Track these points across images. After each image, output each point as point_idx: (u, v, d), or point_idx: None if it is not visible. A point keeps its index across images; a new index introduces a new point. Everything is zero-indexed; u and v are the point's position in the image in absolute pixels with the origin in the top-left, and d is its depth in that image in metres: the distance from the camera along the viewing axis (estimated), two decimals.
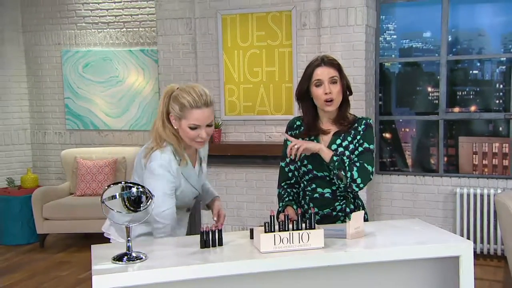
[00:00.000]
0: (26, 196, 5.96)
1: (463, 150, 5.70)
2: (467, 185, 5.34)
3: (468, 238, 5.26)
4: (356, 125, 2.59)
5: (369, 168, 2.51)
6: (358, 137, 2.57)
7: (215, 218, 2.73)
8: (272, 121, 5.63)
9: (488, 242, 5.25)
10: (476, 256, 5.13)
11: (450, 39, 5.51)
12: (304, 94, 2.60)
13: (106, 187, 2.07)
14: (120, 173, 6.19)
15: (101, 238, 2.76)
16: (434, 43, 5.67)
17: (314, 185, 2.60)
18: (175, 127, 2.44)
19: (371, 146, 2.56)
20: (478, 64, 5.76)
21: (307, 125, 2.63)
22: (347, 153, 2.54)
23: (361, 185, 2.49)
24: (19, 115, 7.33)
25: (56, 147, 7.19)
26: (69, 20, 7.06)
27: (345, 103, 2.59)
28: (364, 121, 2.60)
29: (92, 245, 2.23)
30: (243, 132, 5.75)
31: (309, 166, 2.59)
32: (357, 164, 2.49)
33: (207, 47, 5.77)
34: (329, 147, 2.56)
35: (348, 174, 2.46)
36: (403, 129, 6.02)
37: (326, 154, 2.48)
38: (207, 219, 5.77)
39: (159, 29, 5.88)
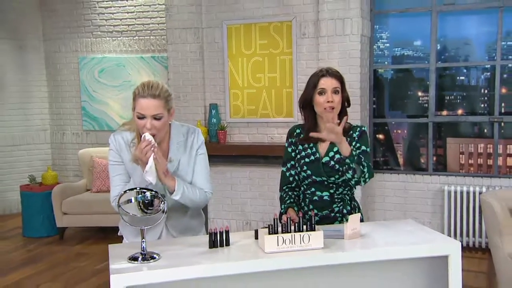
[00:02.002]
0: (46, 192, 5.96)
1: (451, 150, 5.69)
2: (454, 183, 5.33)
3: (455, 232, 5.26)
4: (351, 132, 2.59)
5: (371, 165, 2.53)
6: (354, 142, 2.57)
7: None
8: (273, 123, 5.62)
9: (474, 236, 5.25)
10: (463, 248, 5.10)
11: (438, 47, 5.50)
12: (307, 102, 2.59)
13: (123, 193, 2.07)
14: None
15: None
16: (424, 51, 5.66)
17: (313, 189, 2.60)
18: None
19: (368, 149, 2.56)
20: (465, 70, 5.75)
21: (307, 131, 2.62)
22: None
23: (367, 180, 2.48)
24: (39, 116, 7.35)
25: (74, 146, 7.22)
26: (85, 29, 7.07)
27: (343, 114, 2.58)
28: (358, 129, 2.60)
29: (109, 245, 2.22)
30: (247, 134, 5.74)
31: (308, 172, 2.59)
32: (360, 156, 2.48)
33: (213, 54, 5.76)
34: (326, 154, 2.56)
35: (365, 170, 2.43)
36: (395, 131, 6.01)
37: (346, 148, 2.40)
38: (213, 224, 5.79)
39: (169, 37, 5.87)
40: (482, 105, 5.61)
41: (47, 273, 4.84)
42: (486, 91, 5.59)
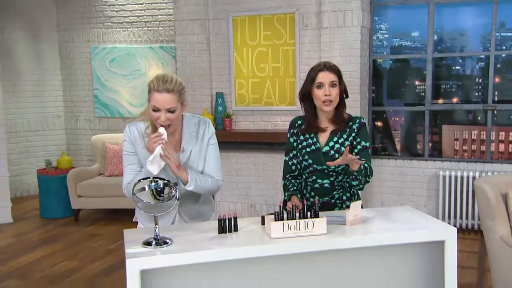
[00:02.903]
0: (62, 176, 5.99)
1: (446, 137, 5.68)
2: (449, 168, 5.33)
3: (449, 215, 5.27)
4: (350, 123, 2.58)
5: (371, 165, 2.55)
6: (353, 134, 2.56)
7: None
8: (277, 111, 5.61)
9: (467, 218, 5.25)
10: (456, 230, 5.14)
11: (435, 38, 5.45)
12: (306, 95, 2.58)
13: (137, 181, 2.07)
14: None
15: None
16: (422, 41, 5.61)
17: (314, 177, 2.60)
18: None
19: (368, 144, 2.56)
20: (460, 60, 5.71)
21: (307, 123, 2.61)
22: (342, 149, 2.53)
23: (369, 182, 2.54)
24: (54, 104, 7.35)
25: (87, 132, 7.23)
26: (97, 20, 7.03)
27: (341, 105, 2.57)
28: (358, 120, 2.59)
29: (124, 230, 2.23)
30: (252, 121, 5.73)
31: (310, 161, 2.59)
32: (366, 165, 2.49)
33: (219, 45, 5.73)
34: (326, 144, 2.56)
35: (369, 179, 2.50)
36: (393, 118, 5.99)
37: (356, 166, 2.38)
38: (221, 210, 5.81)
39: (177, 29, 5.83)
40: (477, 94, 5.58)
41: (64, 252, 4.89)
42: (480, 80, 5.55)
